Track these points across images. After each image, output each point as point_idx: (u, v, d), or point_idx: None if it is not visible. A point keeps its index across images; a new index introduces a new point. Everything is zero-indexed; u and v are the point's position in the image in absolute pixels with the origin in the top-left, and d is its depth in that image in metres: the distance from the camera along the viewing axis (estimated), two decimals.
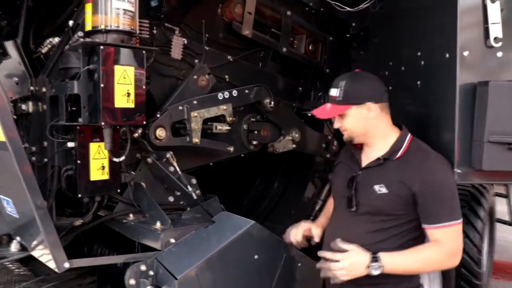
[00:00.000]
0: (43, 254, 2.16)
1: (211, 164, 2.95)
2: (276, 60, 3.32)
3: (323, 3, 3.38)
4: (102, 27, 2.07)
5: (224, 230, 2.28)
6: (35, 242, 2.16)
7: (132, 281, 2.08)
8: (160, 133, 2.45)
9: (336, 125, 2.20)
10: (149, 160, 2.49)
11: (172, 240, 2.21)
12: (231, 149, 2.83)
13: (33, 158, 2.30)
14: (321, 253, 2.11)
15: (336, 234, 2.15)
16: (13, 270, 3.34)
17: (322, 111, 2.24)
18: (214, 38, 2.88)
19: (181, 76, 2.72)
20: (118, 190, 2.37)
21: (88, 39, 2.07)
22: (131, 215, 2.45)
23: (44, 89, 2.27)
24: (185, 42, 2.70)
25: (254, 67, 3.16)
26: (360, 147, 2.25)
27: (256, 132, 3.00)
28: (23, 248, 2.32)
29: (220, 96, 2.73)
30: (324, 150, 3.43)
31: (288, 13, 3.20)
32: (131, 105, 2.08)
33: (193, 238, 2.25)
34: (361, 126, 2.13)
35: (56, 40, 2.44)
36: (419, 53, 2.64)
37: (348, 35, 3.63)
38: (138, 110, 2.11)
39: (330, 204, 2.50)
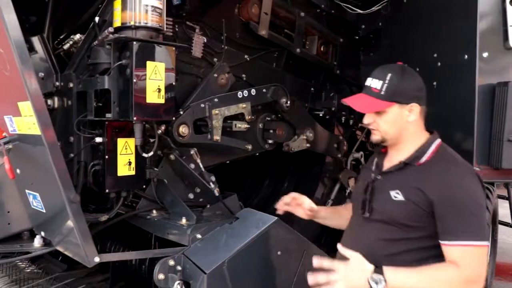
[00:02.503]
0: (69, 248, 2.15)
1: (227, 162, 2.97)
2: (289, 60, 3.36)
3: (334, 5, 3.45)
4: (132, 23, 2.09)
5: (249, 226, 2.29)
6: (61, 237, 2.16)
7: (162, 276, 2.09)
8: (183, 130, 2.47)
9: (367, 120, 1.92)
10: (172, 156, 2.50)
11: (199, 236, 2.23)
12: (249, 147, 2.86)
13: None
14: (317, 263, 1.83)
15: (349, 240, 2.00)
16: (24, 269, 3.31)
17: (357, 102, 1.94)
18: (232, 38, 2.91)
19: (200, 74, 2.75)
20: (144, 186, 2.38)
21: (120, 35, 2.07)
22: (154, 211, 2.46)
23: (71, 85, 2.26)
24: (205, 40, 2.73)
25: (269, 67, 3.20)
26: (384, 151, 2.04)
27: (271, 131, 3.03)
28: (46, 243, 2.31)
29: (239, 94, 2.77)
30: (335, 150, 3.48)
31: (302, 14, 3.24)
32: (162, 100, 2.10)
33: (219, 234, 2.27)
34: (397, 127, 1.88)
35: (78, 37, 2.45)
36: (435, 55, 2.70)
37: (357, 37, 3.68)
38: (168, 106, 2.13)
39: (343, 207, 2.39)
